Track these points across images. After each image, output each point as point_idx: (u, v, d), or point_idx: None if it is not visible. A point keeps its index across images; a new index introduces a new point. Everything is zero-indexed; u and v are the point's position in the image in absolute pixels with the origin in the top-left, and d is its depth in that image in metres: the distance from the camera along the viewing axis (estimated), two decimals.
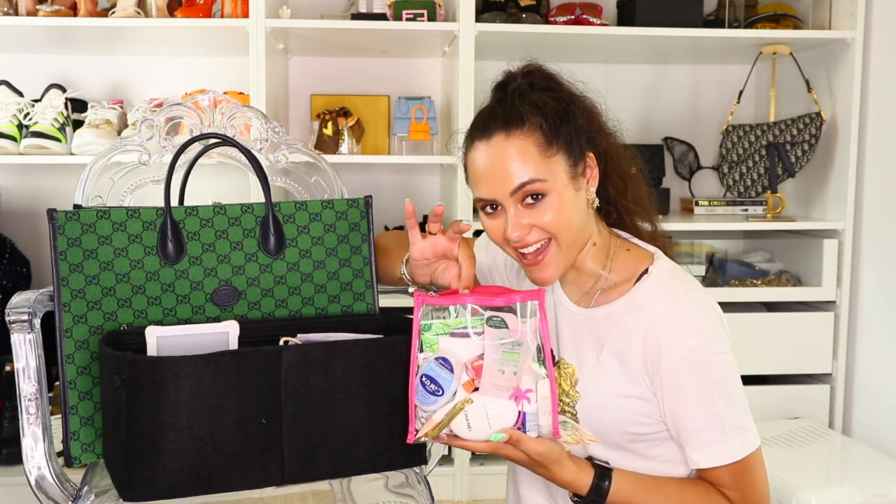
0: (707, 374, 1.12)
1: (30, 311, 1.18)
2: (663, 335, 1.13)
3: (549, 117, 1.15)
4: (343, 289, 1.32)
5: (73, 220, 1.19)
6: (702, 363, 1.12)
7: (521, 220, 1.15)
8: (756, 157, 2.63)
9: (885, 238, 2.47)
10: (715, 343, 1.13)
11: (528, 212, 1.15)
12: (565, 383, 1.20)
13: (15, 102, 2.48)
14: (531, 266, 1.18)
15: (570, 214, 1.16)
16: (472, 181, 1.20)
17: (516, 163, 1.13)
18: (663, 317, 1.14)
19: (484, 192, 1.17)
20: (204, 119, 1.39)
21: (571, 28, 2.52)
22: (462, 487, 2.53)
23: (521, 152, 1.14)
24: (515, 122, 1.15)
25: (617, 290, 1.21)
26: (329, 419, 1.12)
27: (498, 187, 1.15)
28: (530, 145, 1.14)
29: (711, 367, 1.13)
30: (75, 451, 1.19)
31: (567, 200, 1.16)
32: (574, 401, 1.19)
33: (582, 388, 1.19)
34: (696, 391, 1.12)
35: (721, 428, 1.12)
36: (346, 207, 1.33)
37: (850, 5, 2.52)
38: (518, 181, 1.13)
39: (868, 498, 1.98)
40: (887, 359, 2.46)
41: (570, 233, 1.16)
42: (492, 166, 1.15)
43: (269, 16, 2.38)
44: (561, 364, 1.22)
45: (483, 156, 1.16)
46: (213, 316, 1.25)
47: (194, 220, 1.25)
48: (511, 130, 1.15)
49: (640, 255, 1.23)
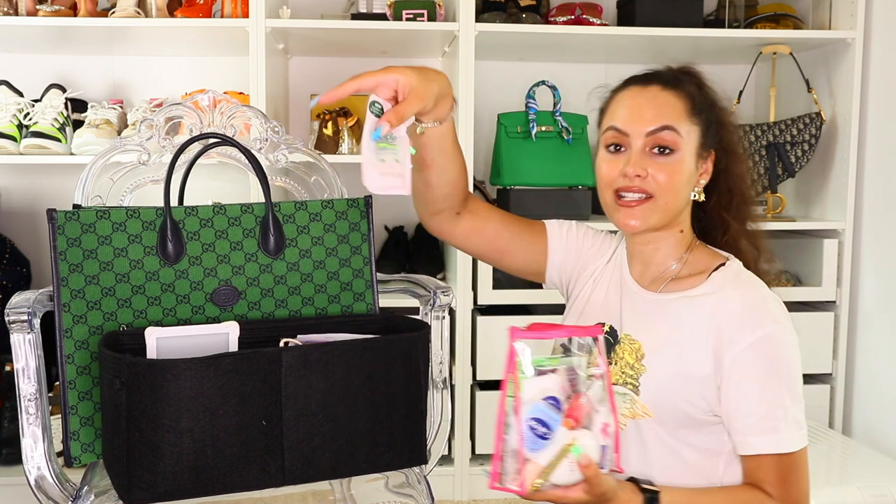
0: (778, 364, 1.17)
1: (29, 311, 1.18)
2: (740, 319, 1.17)
3: (699, 95, 1.27)
4: (343, 289, 1.32)
5: (73, 220, 1.19)
6: (775, 352, 1.16)
7: (643, 163, 1.21)
8: (756, 157, 2.63)
9: (885, 238, 2.47)
10: (788, 334, 1.18)
11: (650, 160, 1.22)
12: (630, 356, 1.23)
13: (15, 102, 2.48)
14: (625, 209, 1.23)
15: (682, 183, 1.23)
16: (609, 115, 1.27)
17: (664, 109, 1.23)
18: (741, 302, 1.19)
19: (622, 123, 1.24)
20: (204, 119, 1.39)
21: (571, 28, 2.52)
22: (462, 487, 2.53)
23: (670, 103, 1.24)
24: (673, 83, 1.27)
25: (689, 281, 1.26)
26: (330, 420, 1.12)
27: (639, 122, 1.22)
28: (680, 103, 1.24)
29: (783, 357, 1.17)
30: (75, 452, 1.19)
31: (686, 170, 1.23)
32: (638, 374, 1.22)
33: (648, 362, 1.21)
34: (765, 378, 1.16)
35: (784, 417, 1.15)
36: (346, 207, 1.33)
37: (850, 5, 2.52)
38: (660, 123, 1.22)
39: (868, 498, 1.98)
40: (887, 359, 2.45)
41: (672, 200, 1.22)
42: (641, 104, 1.24)
43: (269, 16, 2.38)
44: (626, 339, 1.25)
45: (635, 94, 1.26)
46: (213, 316, 1.25)
47: (194, 220, 1.25)
48: (667, 87, 1.26)
49: (715, 256, 1.29)
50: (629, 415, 1.22)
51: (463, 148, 2.08)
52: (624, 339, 1.26)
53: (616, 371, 1.23)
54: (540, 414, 0.99)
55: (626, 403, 1.22)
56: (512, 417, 1.00)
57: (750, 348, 1.16)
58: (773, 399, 1.15)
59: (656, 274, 1.29)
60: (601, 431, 1.03)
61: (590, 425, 1.02)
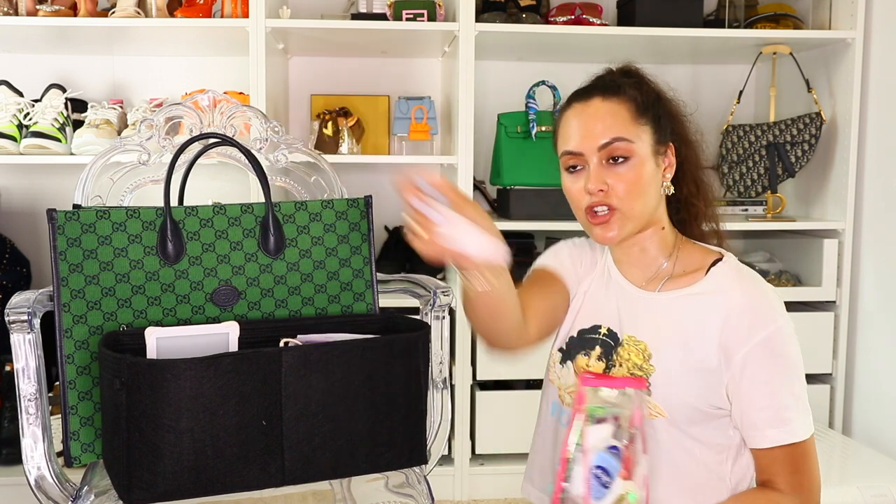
0: (787, 357, 1.20)
1: (29, 311, 1.18)
2: (748, 318, 1.20)
3: (643, 94, 1.28)
4: (343, 289, 1.32)
5: (73, 220, 1.19)
6: (783, 346, 1.20)
7: (602, 176, 1.23)
8: (756, 157, 2.63)
9: (885, 238, 2.47)
10: (791, 328, 1.22)
11: (609, 171, 1.23)
12: (637, 357, 1.24)
13: (15, 102, 2.48)
14: (598, 224, 1.25)
15: (645, 186, 1.24)
16: (562, 139, 1.29)
17: (608, 121, 1.24)
18: (747, 300, 1.21)
19: (574, 145, 1.25)
20: (204, 119, 1.39)
21: (571, 28, 2.52)
22: (462, 487, 2.53)
23: (613, 113, 1.25)
24: (613, 90, 1.27)
25: (687, 278, 1.27)
26: (330, 420, 1.12)
27: (588, 140, 1.24)
28: (623, 110, 1.25)
29: (790, 351, 1.20)
30: (75, 452, 1.19)
31: (646, 172, 1.24)
32: (648, 374, 1.22)
33: (656, 362, 1.22)
34: (776, 372, 1.19)
35: (795, 406, 1.19)
36: (346, 207, 1.33)
37: (850, 5, 2.52)
38: (608, 136, 1.23)
39: (868, 498, 1.98)
40: (887, 359, 2.45)
41: (638, 205, 1.24)
42: (586, 122, 1.25)
43: (269, 16, 2.38)
44: (630, 341, 1.26)
45: (579, 111, 1.27)
46: (213, 316, 1.25)
47: (194, 220, 1.25)
48: (608, 96, 1.26)
49: (707, 251, 1.31)
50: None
51: (463, 148, 2.11)
52: (627, 340, 1.26)
53: (624, 373, 1.24)
54: (604, 462, 1.02)
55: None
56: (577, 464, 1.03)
57: (760, 345, 1.18)
58: (784, 392, 1.19)
59: (650, 274, 1.30)
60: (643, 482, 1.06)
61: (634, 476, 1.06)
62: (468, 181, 2.48)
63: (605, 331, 1.29)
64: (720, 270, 1.26)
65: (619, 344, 1.27)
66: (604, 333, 1.29)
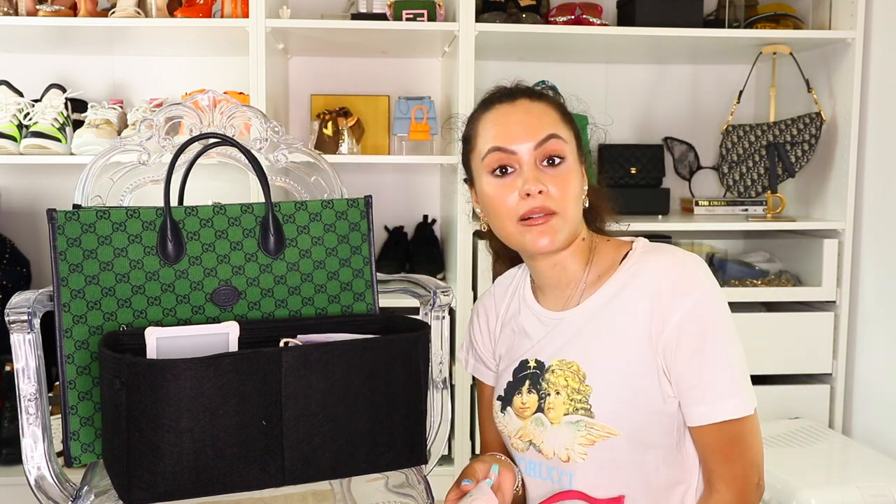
0: (715, 326, 1.13)
1: (29, 311, 1.18)
2: (667, 293, 1.14)
3: (563, 106, 1.25)
4: (343, 289, 1.32)
5: (73, 220, 1.19)
6: (708, 315, 1.13)
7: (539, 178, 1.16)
8: (756, 157, 2.63)
9: (885, 238, 2.47)
10: (717, 294, 1.15)
11: (544, 174, 1.17)
12: (573, 381, 1.19)
13: (15, 102, 2.48)
14: (537, 227, 1.16)
15: (577, 192, 1.20)
16: (484, 138, 1.21)
17: (543, 118, 1.19)
18: (663, 275, 1.16)
19: (505, 141, 1.18)
20: (203, 119, 1.39)
21: (571, 28, 2.52)
22: None
23: (545, 112, 1.20)
24: (537, 94, 1.23)
25: (602, 280, 1.22)
26: (330, 420, 1.12)
27: (523, 136, 1.17)
28: (552, 111, 1.21)
29: (718, 319, 1.14)
30: (75, 452, 1.19)
31: (576, 177, 1.20)
32: (586, 395, 1.17)
33: (592, 381, 1.18)
34: (709, 342, 1.13)
35: (734, 380, 1.13)
36: (346, 207, 1.33)
37: (850, 5, 2.52)
38: (545, 132, 1.17)
39: (868, 498, 1.98)
40: (887, 359, 2.45)
41: (572, 210, 1.19)
42: (519, 119, 1.19)
43: (269, 16, 2.38)
44: (560, 366, 1.21)
45: (507, 111, 1.20)
46: (213, 316, 1.25)
47: (194, 220, 1.25)
48: (534, 98, 1.22)
49: (619, 244, 1.26)
50: (587, 442, 1.17)
51: None
52: (557, 365, 1.21)
53: (563, 400, 1.19)
54: None
55: (580, 432, 1.17)
56: None
57: (684, 319, 1.13)
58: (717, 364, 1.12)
59: (569, 292, 1.25)
60: None
61: None
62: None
63: (532, 363, 1.25)
64: (633, 259, 1.21)
65: (545, 371, 1.22)
66: (532, 366, 1.25)
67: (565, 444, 1.19)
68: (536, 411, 1.23)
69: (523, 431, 1.25)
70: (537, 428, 1.23)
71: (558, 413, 1.20)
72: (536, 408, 1.23)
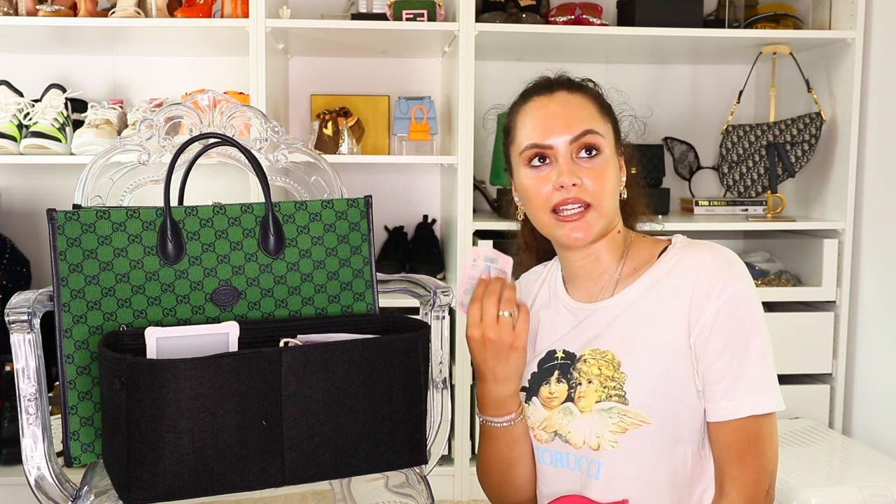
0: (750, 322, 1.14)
1: (29, 311, 1.18)
2: (705, 285, 1.15)
3: (602, 97, 1.25)
4: (343, 289, 1.32)
5: (73, 220, 1.19)
6: (744, 310, 1.14)
7: (574, 170, 1.17)
8: (756, 157, 2.63)
9: (885, 238, 2.47)
10: (754, 292, 1.17)
11: (579, 167, 1.18)
12: (607, 369, 1.18)
13: (15, 102, 2.49)
14: (570, 222, 1.18)
15: (613, 184, 1.21)
16: (523, 133, 1.22)
17: (581, 112, 1.20)
18: (703, 268, 1.16)
19: (541, 137, 1.19)
20: (203, 119, 1.39)
21: (571, 28, 2.52)
22: (462, 487, 2.53)
23: (583, 105, 1.21)
24: (577, 86, 1.24)
25: (638, 272, 1.23)
26: (330, 420, 1.12)
27: (560, 130, 1.18)
28: (590, 104, 1.22)
29: (753, 316, 1.15)
30: (75, 452, 1.19)
31: (613, 169, 1.21)
32: (621, 383, 1.16)
33: (627, 368, 1.17)
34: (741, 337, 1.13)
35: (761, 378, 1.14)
36: (346, 207, 1.33)
37: (850, 5, 2.52)
38: (583, 127, 1.18)
39: (868, 498, 1.98)
40: (887, 359, 2.45)
41: (608, 203, 1.20)
42: (556, 113, 1.20)
43: (269, 16, 2.38)
44: (593, 355, 1.20)
45: (544, 104, 1.21)
46: (213, 316, 1.25)
47: (194, 220, 1.25)
48: (573, 90, 1.22)
49: (656, 241, 1.27)
50: (618, 430, 1.16)
51: (463, 148, 2.11)
52: (589, 355, 1.21)
53: (596, 387, 1.18)
54: None
55: (612, 419, 1.16)
56: None
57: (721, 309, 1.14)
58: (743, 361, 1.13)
59: (601, 284, 1.25)
60: None
61: None
62: (468, 181, 2.48)
63: (561, 354, 1.25)
64: (670, 254, 1.21)
65: (577, 360, 1.22)
66: (560, 357, 1.24)
67: (596, 432, 1.17)
68: (566, 401, 1.21)
69: (549, 422, 1.23)
70: (565, 418, 1.21)
71: (589, 401, 1.18)
72: (566, 397, 1.21)
